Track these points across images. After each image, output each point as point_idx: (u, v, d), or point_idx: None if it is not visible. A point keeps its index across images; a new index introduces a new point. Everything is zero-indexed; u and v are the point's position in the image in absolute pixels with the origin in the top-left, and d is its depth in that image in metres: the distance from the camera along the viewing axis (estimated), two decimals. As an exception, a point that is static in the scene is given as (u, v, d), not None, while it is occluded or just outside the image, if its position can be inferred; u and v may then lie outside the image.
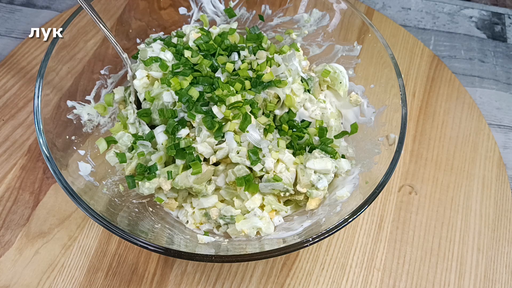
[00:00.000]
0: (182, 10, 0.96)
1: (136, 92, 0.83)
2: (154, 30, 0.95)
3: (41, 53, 1.05)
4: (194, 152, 0.74)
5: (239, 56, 0.85)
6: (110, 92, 0.88)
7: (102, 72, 0.88)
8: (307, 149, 0.81)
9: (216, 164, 0.78)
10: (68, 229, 0.83)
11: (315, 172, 0.76)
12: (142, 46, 0.88)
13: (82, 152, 0.78)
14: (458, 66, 1.18)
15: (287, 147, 0.81)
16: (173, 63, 0.81)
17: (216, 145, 0.75)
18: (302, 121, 0.85)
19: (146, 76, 0.82)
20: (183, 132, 0.76)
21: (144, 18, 0.94)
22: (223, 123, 0.75)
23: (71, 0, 1.20)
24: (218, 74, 0.81)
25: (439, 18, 1.29)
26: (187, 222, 0.80)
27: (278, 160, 0.77)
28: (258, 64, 0.81)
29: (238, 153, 0.74)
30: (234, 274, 0.81)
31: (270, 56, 0.84)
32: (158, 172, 0.75)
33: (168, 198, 0.79)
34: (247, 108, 0.76)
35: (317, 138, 0.83)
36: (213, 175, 0.78)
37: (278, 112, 0.83)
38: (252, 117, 0.76)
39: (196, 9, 0.97)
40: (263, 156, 0.75)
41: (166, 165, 0.77)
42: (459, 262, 0.86)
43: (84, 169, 0.75)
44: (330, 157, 0.78)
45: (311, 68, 0.95)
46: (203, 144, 0.75)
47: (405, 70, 1.12)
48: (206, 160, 0.76)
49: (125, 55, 0.83)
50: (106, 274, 0.79)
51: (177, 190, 0.78)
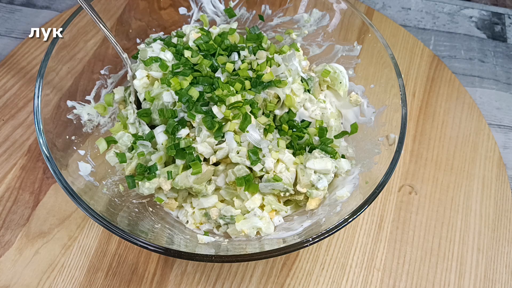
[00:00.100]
0: (182, 10, 0.96)
1: (136, 92, 0.83)
2: (154, 30, 0.95)
3: (41, 53, 1.05)
4: (194, 152, 0.74)
5: (239, 56, 0.85)
6: (110, 92, 0.88)
7: (102, 72, 0.88)
8: (307, 149, 0.81)
9: (216, 164, 0.78)
10: (68, 229, 0.83)
11: (315, 172, 0.76)
12: (142, 46, 0.88)
13: (82, 152, 0.78)
14: (458, 66, 1.18)
15: (287, 147, 0.81)
16: (173, 63, 0.81)
17: (216, 145, 0.75)
18: (302, 121, 0.85)
19: (146, 76, 0.81)
20: (183, 132, 0.76)
21: (144, 18, 0.94)
22: (223, 123, 0.75)
23: (71, 0, 1.20)
24: (218, 74, 0.81)
25: (439, 18, 1.29)
26: (187, 222, 0.80)
27: (278, 160, 0.77)
28: (258, 64, 0.81)
29: (238, 153, 0.74)
30: (234, 274, 0.81)
31: (270, 56, 0.84)
32: (158, 172, 0.75)
33: (168, 198, 0.79)
34: (247, 108, 0.76)
35: (317, 138, 0.83)
36: (213, 175, 0.78)
37: (278, 112, 0.83)
38: (252, 117, 0.76)
39: (196, 9, 0.97)
40: (263, 156, 0.75)
41: (166, 165, 0.77)
42: (459, 262, 0.86)
43: (84, 169, 0.75)
44: (330, 157, 0.78)
45: (311, 68, 0.95)
46: (203, 144, 0.75)
47: (405, 70, 1.12)
48: (206, 160, 0.76)
49: (125, 55, 0.83)
50: (106, 274, 0.79)
51: (177, 190, 0.78)
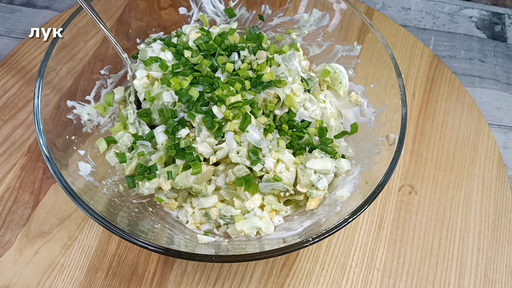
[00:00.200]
0: (182, 10, 0.96)
1: (136, 92, 0.83)
2: (154, 30, 0.95)
3: (41, 53, 1.05)
4: (194, 152, 0.74)
5: (239, 56, 0.84)
6: (110, 92, 0.88)
7: (102, 72, 0.88)
8: (307, 149, 0.81)
9: (216, 164, 0.78)
10: (68, 229, 0.83)
11: (315, 172, 0.76)
12: (142, 46, 0.88)
13: (82, 152, 0.78)
14: (458, 66, 1.18)
15: (287, 147, 0.81)
16: (173, 63, 0.81)
17: (216, 145, 0.75)
18: (302, 121, 0.85)
19: (146, 76, 0.81)
20: (183, 132, 0.76)
21: (144, 18, 0.94)
22: (223, 123, 0.75)
23: (71, 0, 1.20)
24: (218, 74, 0.81)
25: (439, 18, 1.29)
26: (187, 222, 0.80)
27: (278, 160, 0.77)
28: (258, 64, 0.81)
29: (238, 153, 0.74)
30: (234, 274, 0.81)
31: (270, 56, 0.84)
32: (158, 172, 0.75)
33: (168, 198, 0.79)
34: (247, 108, 0.76)
35: (317, 138, 0.83)
36: (213, 175, 0.78)
37: (278, 112, 0.83)
38: (252, 117, 0.76)
39: (196, 9, 0.97)
40: (263, 156, 0.75)
41: (166, 165, 0.77)
42: (459, 262, 0.86)
43: (84, 169, 0.75)
44: (330, 157, 0.78)
45: (311, 68, 0.95)
46: (203, 144, 0.75)
47: (405, 70, 1.12)
48: (206, 160, 0.76)
49: (125, 55, 0.83)
50: (106, 274, 0.79)
51: (177, 190, 0.78)
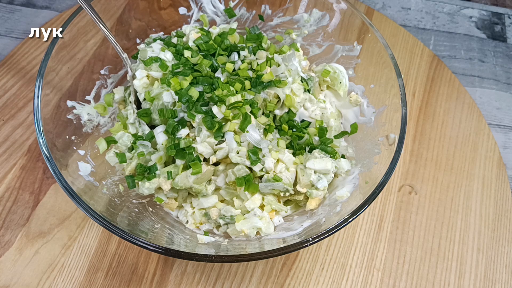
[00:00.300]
0: (182, 10, 0.96)
1: (136, 92, 0.83)
2: (154, 30, 0.95)
3: (41, 53, 1.05)
4: (194, 152, 0.74)
5: (239, 56, 0.84)
6: (110, 92, 0.88)
7: (102, 72, 0.88)
8: (307, 149, 0.81)
9: (216, 164, 0.78)
10: (68, 229, 0.83)
11: (315, 172, 0.76)
12: (142, 46, 0.88)
13: (82, 152, 0.78)
14: (458, 66, 1.18)
15: (287, 147, 0.81)
16: (173, 63, 0.81)
17: (216, 145, 0.75)
18: (302, 121, 0.85)
19: (146, 76, 0.81)
20: (183, 132, 0.76)
21: (144, 18, 0.94)
22: (223, 123, 0.75)
23: (71, 0, 1.20)
24: (218, 74, 0.81)
25: (439, 18, 1.29)
26: (187, 222, 0.80)
27: (278, 160, 0.77)
28: (258, 64, 0.81)
29: (238, 153, 0.74)
30: (234, 274, 0.81)
31: (270, 56, 0.84)
32: (158, 172, 0.75)
33: (168, 198, 0.79)
34: (247, 108, 0.76)
35: (317, 138, 0.83)
36: (213, 175, 0.78)
37: (278, 112, 0.83)
38: (252, 117, 0.76)
39: (196, 9, 0.97)
40: (263, 156, 0.75)
41: (166, 165, 0.77)
42: (459, 262, 0.86)
43: (84, 169, 0.75)
44: (330, 157, 0.78)
45: (311, 68, 0.95)
46: (203, 144, 0.75)
47: (405, 70, 1.12)
48: (206, 160, 0.76)
49: (125, 55, 0.83)
50: (106, 274, 0.79)
51: (177, 190, 0.78)
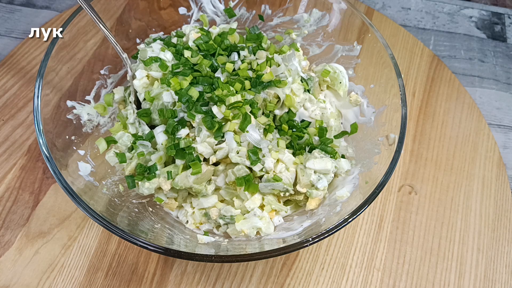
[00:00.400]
0: (182, 10, 0.96)
1: (136, 92, 0.83)
2: (154, 30, 0.95)
3: (41, 53, 1.05)
4: (194, 152, 0.74)
5: (239, 56, 0.84)
6: (110, 92, 0.88)
7: (102, 72, 0.88)
8: (307, 149, 0.81)
9: (216, 164, 0.78)
10: (68, 229, 0.83)
11: (315, 172, 0.76)
12: (142, 46, 0.87)
13: (82, 152, 0.78)
14: (458, 66, 1.18)
15: (287, 147, 0.81)
16: (173, 63, 0.81)
17: (216, 145, 0.75)
18: (302, 121, 0.85)
19: (146, 76, 0.81)
20: (183, 132, 0.76)
21: (144, 18, 0.94)
22: (223, 123, 0.75)
23: (71, 0, 1.20)
24: (218, 74, 0.81)
25: (439, 18, 1.29)
26: (187, 222, 0.80)
27: (278, 160, 0.77)
28: (258, 64, 0.81)
29: (238, 153, 0.74)
30: (234, 274, 0.81)
31: (270, 56, 0.84)
32: (158, 172, 0.75)
33: (168, 198, 0.79)
34: (247, 108, 0.76)
35: (317, 138, 0.83)
36: (213, 175, 0.78)
37: (278, 112, 0.83)
38: (252, 117, 0.76)
39: (196, 9, 0.97)
40: (263, 156, 0.75)
41: (166, 165, 0.77)
42: (459, 262, 0.86)
43: (84, 169, 0.75)
44: (330, 157, 0.78)
45: (311, 68, 0.95)
46: (203, 144, 0.75)
47: (405, 70, 1.12)
48: (206, 160, 0.76)
49: (125, 55, 0.83)
50: (106, 274, 0.79)
51: (177, 190, 0.78)
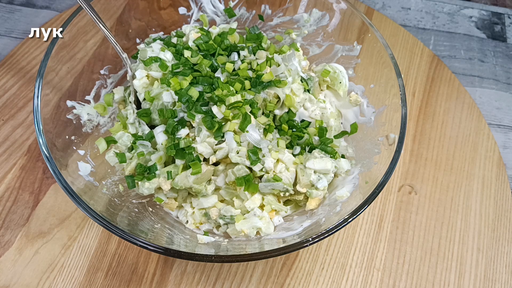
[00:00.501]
0: (182, 10, 0.96)
1: (135, 92, 0.83)
2: (154, 30, 0.95)
3: (41, 53, 1.05)
4: (194, 152, 0.74)
5: (239, 56, 0.84)
6: (109, 92, 0.88)
7: (102, 72, 0.88)
8: (307, 149, 0.81)
9: (216, 164, 0.78)
10: (68, 229, 0.83)
11: (315, 172, 0.76)
12: (142, 46, 0.87)
13: (82, 152, 0.78)
14: (458, 66, 1.18)
15: (287, 147, 0.81)
16: (172, 63, 0.81)
17: (216, 145, 0.75)
18: (302, 121, 0.85)
19: (146, 76, 0.81)
20: (183, 132, 0.76)
21: (144, 18, 0.94)
22: (223, 123, 0.75)
23: (71, 0, 1.20)
24: (218, 74, 0.81)
25: (439, 18, 1.29)
26: (187, 222, 0.80)
27: (278, 160, 0.77)
28: (258, 64, 0.81)
29: (238, 153, 0.74)
30: (234, 274, 0.81)
31: (270, 56, 0.84)
32: (157, 172, 0.75)
33: (168, 198, 0.79)
34: (247, 108, 0.76)
35: (317, 138, 0.83)
36: (213, 175, 0.78)
37: (278, 112, 0.83)
38: (252, 117, 0.76)
39: (196, 9, 0.97)
40: (263, 156, 0.75)
41: (166, 165, 0.77)
42: (459, 262, 0.86)
43: (84, 169, 0.75)
44: (330, 157, 0.78)
45: (311, 68, 0.95)
46: (203, 144, 0.75)
47: (405, 70, 1.12)
48: (206, 160, 0.76)
49: (124, 55, 0.83)
50: (106, 274, 0.79)
51: (177, 190, 0.78)
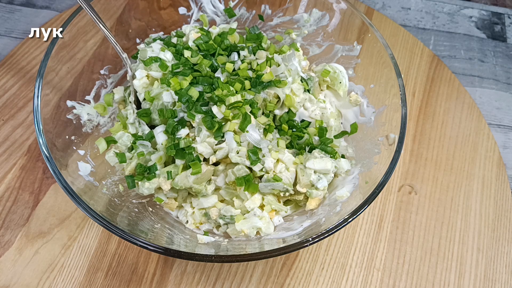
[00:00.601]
0: (182, 10, 0.96)
1: (136, 92, 0.83)
2: (154, 30, 0.95)
3: (41, 53, 1.05)
4: (194, 152, 0.74)
5: (239, 56, 0.84)
6: (109, 92, 0.88)
7: (102, 72, 0.88)
8: (307, 149, 0.81)
9: (216, 164, 0.78)
10: (68, 229, 0.83)
11: (315, 172, 0.76)
12: (142, 46, 0.88)
13: (82, 152, 0.78)
14: (458, 66, 1.18)
15: (287, 147, 0.81)
16: (172, 63, 0.81)
17: (216, 145, 0.75)
18: (302, 121, 0.85)
19: (146, 76, 0.81)
20: (183, 132, 0.76)
21: (144, 18, 0.94)
22: (223, 123, 0.75)
23: (71, 0, 1.20)
24: (218, 74, 0.81)
25: (439, 18, 1.29)
26: (187, 222, 0.80)
27: (278, 160, 0.77)
28: (258, 64, 0.81)
29: (238, 153, 0.74)
30: (234, 274, 0.81)
31: (270, 56, 0.84)
32: (158, 172, 0.75)
33: (168, 198, 0.79)
34: (247, 108, 0.76)
35: (317, 138, 0.83)
36: (213, 175, 0.78)
37: (278, 112, 0.83)
38: (252, 117, 0.76)
39: (196, 9, 0.97)
40: (263, 156, 0.75)
41: (166, 165, 0.77)
42: (459, 262, 0.86)
43: (84, 169, 0.75)
44: (330, 157, 0.78)
45: (311, 68, 0.95)
46: (203, 144, 0.75)
47: (405, 70, 1.12)
48: (206, 160, 0.76)
49: (124, 55, 0.83)
50: (106, 274, 0.79)
51: (177, 190, 0.78)
